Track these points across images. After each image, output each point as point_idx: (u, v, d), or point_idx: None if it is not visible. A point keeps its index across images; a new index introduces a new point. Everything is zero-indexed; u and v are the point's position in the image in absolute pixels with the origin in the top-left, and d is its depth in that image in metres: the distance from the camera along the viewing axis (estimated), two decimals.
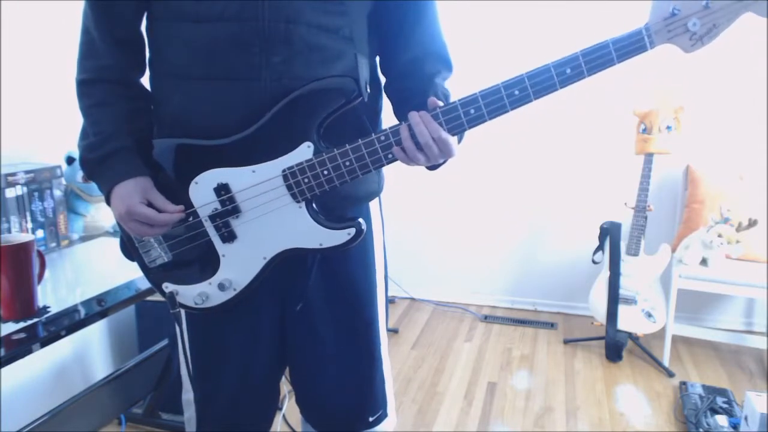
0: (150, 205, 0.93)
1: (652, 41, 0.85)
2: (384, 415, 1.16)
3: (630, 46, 0.85)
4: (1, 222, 1.53)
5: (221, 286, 0.97)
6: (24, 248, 1.16)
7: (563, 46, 0.92)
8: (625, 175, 2.82)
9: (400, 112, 1.00)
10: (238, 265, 0.97)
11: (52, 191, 1.69)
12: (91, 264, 1.68)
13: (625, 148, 2.69)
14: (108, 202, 0.96)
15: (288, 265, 0.99)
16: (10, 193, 1.56)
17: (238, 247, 0.96)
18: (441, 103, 0.89)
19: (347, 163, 0.91)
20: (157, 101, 1.00)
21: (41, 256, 1.27)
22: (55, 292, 1.37)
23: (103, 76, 0.97)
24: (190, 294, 0.99)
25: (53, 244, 1.70)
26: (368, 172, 0.92)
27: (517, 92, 0.87)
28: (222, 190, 0.93)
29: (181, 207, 0.94)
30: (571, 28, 2.79)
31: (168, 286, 0.99)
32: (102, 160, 0.95)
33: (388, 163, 0.92)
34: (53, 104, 1.84)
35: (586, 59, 0.86)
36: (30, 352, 1.10)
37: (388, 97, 1.07)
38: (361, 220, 0.96)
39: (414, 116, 0.88)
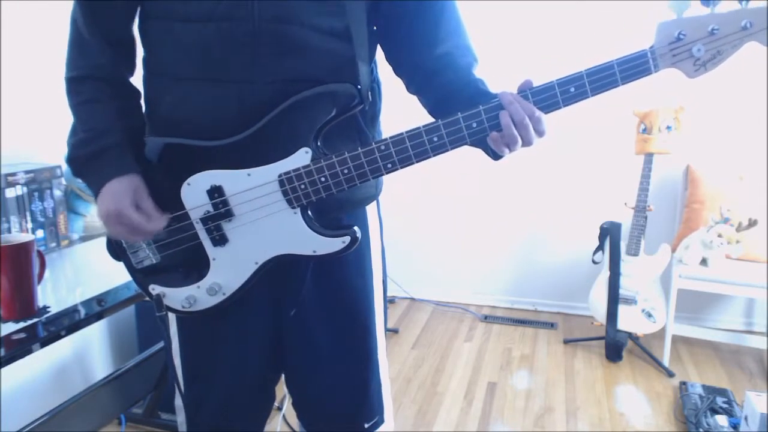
0: (138, 208, 0.91)
1: (656, 65, 0.85)
2: (380, 421, 1.15)
3: (634, 68, 0.85)
4: (1, 222, 1.53)
5: (210, 290, 0.95)
6: (24, 248, 1.16)
7: (562, 50, 0.92)
8: (625, 175, 2.82)
9: (444, 109, 0.95)
10: (229, 270, 0.95)
11: (52, 191, 1.69)
12: (91, 264, 1.68)
13: (625, 148, 2.69)
14: (96, 199, 0.94)
15: (282, 270, 0.98)
16: (10, 193, 1.56)
17: (229, 251, 0.95)
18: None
19: (345, 171, 0.90)
20: (150, 101, 0.99)
21: (41, 256, 1.27)
22: (55, 292, 1.37)
23: (93, 74, 0.95)
24: (177, 297, 0.97)
25: (53, 244, 1.70)
26: (366, 180, 0.91)
27: None
28: (215, 192, 0.92)
29: (168, 216, 0.93)
30: (571, 33, 2.79)
31: (155, 288, 0.97)
32: (92, 157, 0.93)
33: (386, 173, 0.91)
34: (53, 104, 1.84)
35: (590, 79, 0.86)
36: (30, 352, 1.10)
37: (424, 95, 1.04)
38: (356, 228, 0.94)
39: (506, 96, 0.87)
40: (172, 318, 1.06)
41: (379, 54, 1.06)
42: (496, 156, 0.96)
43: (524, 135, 0.87)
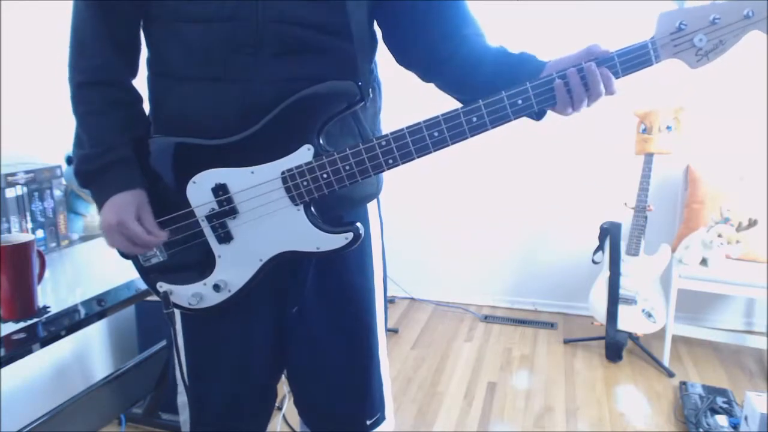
0: (140, 221, 0.93)
1: (657, 55, 0.85)
2: (382, 419, 1.15)
3: (635, 60, 0.85)
4: (1, 222, 1.53)
5: (216, 287, 0.97)
6: (24, 248, 1.16)
7: (563, 41, 0.92)
8: (625, 175, 2.82)
9: (469, 80, 0.97)
10: (234, 267, 0.96)
11: (52, 191, 1.69)
12: (91, 264, 1.68)
13: (625, 148, 2.69)
14: (99, 210, 0.95)
15: (284, 268, 0.99)
16: (10, 193, 1.56)
17: (234, 249, 0.96)
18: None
19: (347, 167, 0.91)
20: (155, 101, 0.99)
21: (41, 256, 1.27)
22: (55, 292, 1.37)
23: (98, 78, 0.95)
24: (184, 294, 0.98)
25: (53, 244, 1.70)
26: (368, 176, 0.92)
27: (520, 102, 0.87)
28: (220, 190, 0.93)
29: (165, 234, 0.95)
30: (571, 25, 2.79)
31: (162, 286, 0.99)
32: (99, 171, 0.94)
33: (388, 169, 0.91)
34: (53, 104, 1.84)
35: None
36: (30, 352, 1.10)
37: (444, 78, 1.03)
38: (359, 224, 0.95)
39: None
40: (176, 316, 1.06)
41: (379, 53, 1.06)
42: (539, 116, 0.95)
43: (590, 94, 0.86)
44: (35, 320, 1.18)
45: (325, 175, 0.91)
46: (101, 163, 0.94)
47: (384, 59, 1.06)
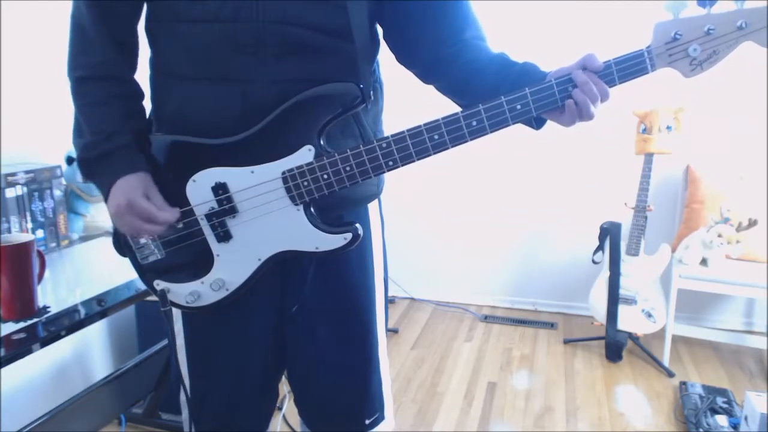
0: (149, 200, 0.92)
1: (653, 64, 0.86)
2: (381, 418, 1.15)
3: (631, 68, 0.87)
4: (1, 222, 1.53)
5: (214, 286, 0.97)
6: (24, 248, 1.16)
7: (559, 50, 0.92)
8: (625, 175, 2.82)
9: (469, 86, 0.97)
10: (233, 265, 0.97)
11: (52, 191, 1.69)
12: (91, 264, 1.68)
13: (625, 148, 2.69)
14: (106, 199, 0.95)
15: (285, 267, 0.99)
16: (10, 193, 1.56)
17: (233, 247, 0.96)
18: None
19: (347, 168, 0.91)
20: (157, 100, 1.00)
21: (41, 256, 1.27)
22: (55, 292, 1.37)
23: (99, 73, 0.96)
24: (182, 292, 0.98)
25: (53, 244, 1.70)
26: (368, 178, 0.92)
27: (519, 107, 0.88)
28: (220, 189, 0.93)
29: (178, 210, 0.94)
30: (568, 33, 2.80)
31: (159, 284, 0.99)
32: (102, 158, 0.94)
33: (388, 170, 0.92)
34: (53, 104, 1.84)
35: None
36: (30, 352, 1.10)
37: (445, 80, 1.02)
38: (357, 225, 0.95)
39: (579, 75, 0.87)
40: (177, 314, 1.07)
41: (381, 54, 1.06)
42: (538, 125, 0.95)
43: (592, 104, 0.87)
44: (35, 320, 1.18)
45: (325, 176, 0.91)
46: (102, 150, 0.94)
47: (386, 60, 1.06)
